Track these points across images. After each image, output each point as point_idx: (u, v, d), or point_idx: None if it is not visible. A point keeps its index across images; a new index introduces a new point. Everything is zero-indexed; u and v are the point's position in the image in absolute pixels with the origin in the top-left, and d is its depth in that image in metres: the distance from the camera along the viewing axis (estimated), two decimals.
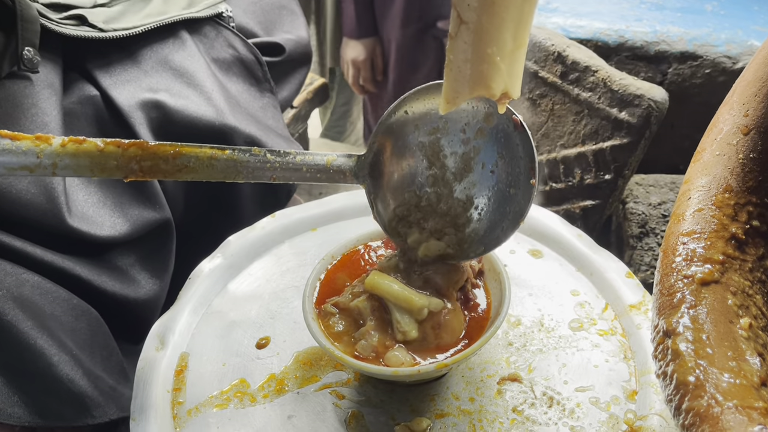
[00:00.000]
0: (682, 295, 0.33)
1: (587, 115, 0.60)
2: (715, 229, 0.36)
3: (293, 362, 0.43)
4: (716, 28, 0.64)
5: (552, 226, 0.50)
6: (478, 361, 0.42)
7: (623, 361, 0.41)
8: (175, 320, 0.45)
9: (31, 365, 0.46)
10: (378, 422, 0.39)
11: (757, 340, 0.32)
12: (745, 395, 0.28)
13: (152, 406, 0.40)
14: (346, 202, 0.55)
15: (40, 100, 0.53)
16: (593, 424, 0.37)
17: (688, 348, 0.30)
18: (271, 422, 0.39)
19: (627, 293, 0.44)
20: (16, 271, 0.48)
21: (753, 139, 0.37)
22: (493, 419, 0.38)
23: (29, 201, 0.50)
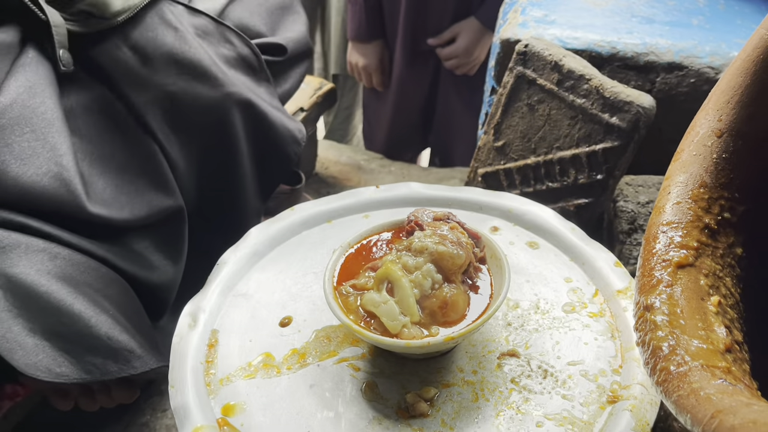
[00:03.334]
0: (661, 276, 0.38)
1: (581, 119, 0.65)
2: (691, 219, 0.40)
3: (313, 338, 0.47)
4: (701, 41, 0.69)
5: (548, 220, 0.54)
6: (481, 338, 0.46)
7: (610, 339, 0.45)
8: (205, 301, 0.50)
9: (73, 328, 0.49)
10: (390, 391, 0.43)
11: (725, 315, 0.37)
12: (710, 357, 0.32)
13: (188, 376, 0.44)
14: (358, 198, 0.60)
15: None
16: (582, 393, 0.42)
17: (663, 320, 0.35)
18: (294, 390, 0.43)
19: (615, 280, 0.49)
20: (49, 246, 0.51)
21: (725, 141, 0.42)
22: (494, 389, 0.43)
23: (48, 192, 0.53)
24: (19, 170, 0.51)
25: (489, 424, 0.40)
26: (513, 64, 0.69)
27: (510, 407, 0.41)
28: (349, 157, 1.24)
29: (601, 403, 0.41)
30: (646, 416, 0.39)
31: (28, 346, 0.47)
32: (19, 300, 0.47)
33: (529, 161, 0.69)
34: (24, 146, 0.52)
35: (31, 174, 0.52)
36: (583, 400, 0.41)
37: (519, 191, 0.70)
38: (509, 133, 0.70)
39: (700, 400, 0.29)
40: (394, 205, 0.58)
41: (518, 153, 0.70)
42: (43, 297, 0.48)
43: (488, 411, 0.41)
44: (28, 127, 0.53)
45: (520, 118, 0.69)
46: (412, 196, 0.58)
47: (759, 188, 0.41)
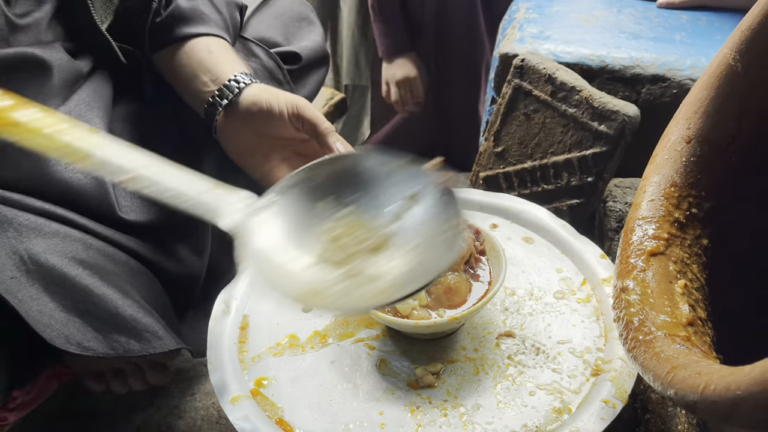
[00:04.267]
0: (635, 263, 0.44)
1: (573, 127, 0.71)
2: (663, 214, 0.46)
3: (333, 322, 0.53)
4: (683, 55, 0.75)
5: (542, 218, 0.60)
6: (481, 322, 0.52)
7: (596, 322, 0.51)
8: (236, 290, 0.55)
9: (101, 308, 0.53)
10: (402, 366, 0.48)
11: (690, 296, 0.43)
12: (673, 328, 0.38)
13: (225, 354, 0.50)
14: None
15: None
16: (570, 367, 0.47)
17: (636, 299, 0.41)
18: (317, 366, 0.49)
19: (601, 270, 0.55)
20: (83, 238, 0.56)
21: (693, 146, 0.48)
22: (492, 364, 0.48)
23: (87, 192, 0.58)
24: (67, 166, 0.57)
25: (488, 393, 0.46)
26: (511, 77, 0.75)
27: (506, 379, 0.47)
28: None
29: (586, 375, 0.46)
30: (625, 385, 0.44)
31: (60, 321, 0.50)
32: (53, 283, 0.52)
33: (526, 165, 0.75)
34: None
35: (77, 171, 0.57)
36: (571, 372, 0.47)
37: (517, 193, 0.76)
38: (508, 140, 0.77)
39: (661, 360, 0.35)
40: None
41: (516, 158, 0.76)
42: (75, 280, 0.52)
43: (488, 383, 0.46)
44: None
45: (517, 126, 0.76)
46: None
47: (722, 187, 0.47)
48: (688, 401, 0.30)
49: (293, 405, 0.46)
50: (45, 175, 0.57)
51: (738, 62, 0.47)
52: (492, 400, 0.45)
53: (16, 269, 0.51)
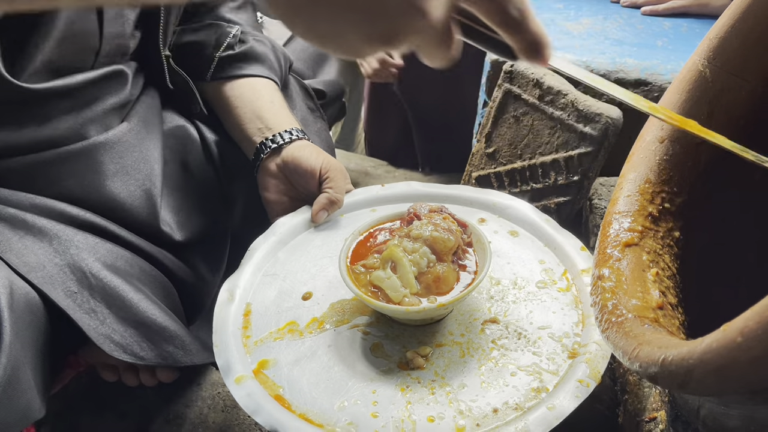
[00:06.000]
0: (611, 253, 0.48)
1: (559, 129, 0.75)
2: (638, 209, 0.50)
3: (330, 309, 0.56)
4: (664, 60, 0.79)
5: (527, 213, 0.64)
6: (467, 309, 0.55)
7: (574, 309, 0.54)
8: (240, 279, 0.58)
9: (150, 321, 0.57)
10: (394, 349, 0.52)
11: (662, 283, 0.47)
12: (643, 311, 0.42)
13: (229, 338, 0.53)
14: (366, 195, 0.69)
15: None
16: (549, 350, 0.51)
17: (610, 285, 0.45)
18: (315, 349, 0.52)
19: (580, 261, 0.58)
20: (115, 248, 0.60)
21: (666, 146, 0.51)
22: (477, 347, 0.51)
23: (136, 204, 0.62)
24: (123, 180, 0.61)
25: (473, 374, 0.49)
26: (501, 81, 0.79)
27: (490, 361, 0.50)
28: (357, 163, 1.34)
29: (564, 358, 0.50)
30: (599, 366, 0.48)
31: (119, 333, 0.55)
32: (110, 296, 0.56)
33: (516, 165, 0.79)
34: (132, 162, 0.62)
35: (131, 185, 0.61)
36: (549, 355, 0.50)
37: (507, 191, 0.80)
38: (498, 141, 0.80)
39: (629, 338, 0.38)
40: (397, 200, 0.67)
41: (506, 158, 0.80)
42: (126, 294, 0.57)
43: (473, 364, 0.50)
44: (138, 148, 0.63)
45: (507, 128, 0.79)
46: (412, 193, 0.68)
47: (693, 183, 0.51)
48: (650, 372, 0.34)
49: (292, 384, 0.49)
50: (101, 186, 0.60)
51: (707, 68, 0.51)
52: (476, 380, 0.48)
53: (77, 283, 0.54)
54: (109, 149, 0.61)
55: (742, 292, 0.49)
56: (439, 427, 0.45)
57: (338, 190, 0.65)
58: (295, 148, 0.67)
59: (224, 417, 0.73)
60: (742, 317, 0.27)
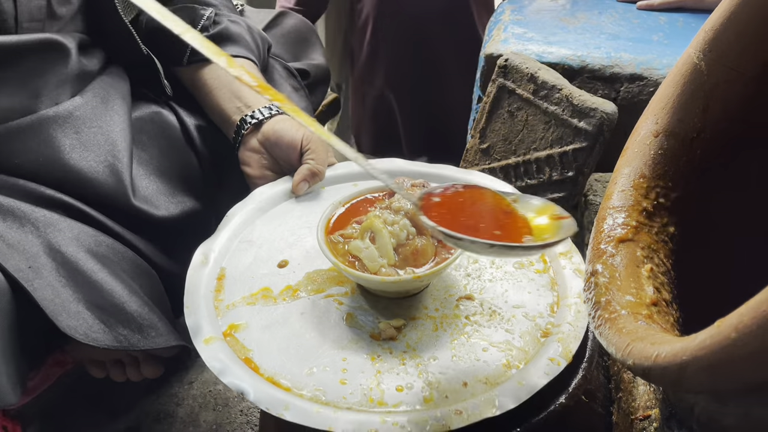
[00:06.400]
0: (605, 249, 0.47)
1: (554, 124, 0.74)
2: (632, 204, 0.49)
3: (305, 278, 0.55)
4: (659, 55, 0.78)
5: None
6: (444, 285, 0.54)
7: (550, 291, 0.53)
8: (215, 244, 0.58)
9: (108, 302, 0.56)
10: (367, 320, 0.51)
11: (656, 279, 0.46)
12: (636, 307, 0.41)
13: (201, 301, 0.52)
14: (348, 170, 0.68)
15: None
16: (522, 328, 0.50)
17: (604, 281, 0.44)
18: (288, 316, 0.52)
19: (559, 245, 0.57)
20: (95, 233, 0.59)
21: (660, 140, 0.51)
22: (451, 323, 0.51)
23: (100, 179, 0.61)
24: (81, 155, 0.60)
25: (445, 347, 0.49)
26: (495, 76, 0.78)
27: (463, 336, 0.50)
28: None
29: (536, 336, 0.49)
30: (570, 346, 0.47)
31: (72, 311, 0.53)
32: (68, 273, 0.54)
33: (510, 161, 0.78)
34: (90, 136, 0.61)
35: (90, 160, 0.60)
36: (522, 333, 0.50)
37: None
38: (493, 137, 0.80)
39: (622, 335, 0.38)
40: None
41: (501, 154, 0.79)
42: (87, 273, 0.55)
43: (445, 338, 0.49)
44: (97, 123, 0.62)
45: (501, 123, 0.79)
46: (396, 170, 0.66)
47: (688, 178, 0.50)
48: (643, 369, 0.33)
49: (262, 349, 0.49)
50: (59, 161, 0.59)
51: (702, 61, 0.50)
52: (448, 353, 0.48)
53: (34, 259, 0.53)
54: (61, 123, 0.60)
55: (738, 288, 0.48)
56: (407, 396, 0.45)
57: (320, 161, 0.65)
58: (274, 121, 0.67)
59: (215, 416, 0.72)
60: (737, 313, 0.26)
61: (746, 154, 0.50)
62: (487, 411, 0.43)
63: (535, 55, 0.80)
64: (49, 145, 0.59)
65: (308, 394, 0.45)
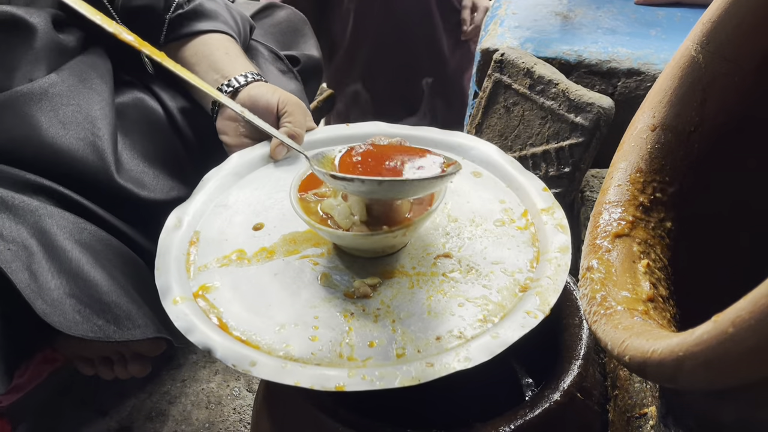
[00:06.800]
0: (601, 244, 0.46)
1: (550, 119, 0.73)
2: (629, 198, 0.49)
3: (281, 240, 0.54)
4: (657, 50, 0.77)
5: (491, 155, 0.61)
6: (422, 243, 0.53)
7: (531, 247, 0.52)
8: (190, 207, 0.57)
9: (86, 292, 0.54)
10: (342, 279, 0.50)
11: (653, 275, 0.45)
12: (632, 303, 0.41)
13: (171, 262, 0.51)
14: (329, 133, 0.66)
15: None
16: (500, 283, 0.49)
17: (600, 276, 0.43)
18: (260, 276, 0.51)
19: (541, 201, 0.55)
20: (78, 221, 0.58)
21: (657, 134, 0.50)
22: (427, 280, 0.50)
23: (81, 157, 0.60)
24: (59, 132, 0.58)
25: (420, 303, 0.48)
26: (491, 71, 0.77)
27: (439, 293, 0.49)
28: None
29: (514, 291, 0.48)
30: (549, 299, 0.46)
31: (50, 298, 0.52)
32: (48, 259, 0.53)
33: None
34: (68, 114, 0.60)
35: (69, 137, 0.59)
36: (499, 288, 0.49)
37: None
38: (489, 132, 0.79)
39: (618, 331, 0.37)
40: (361, 140, 0.62)
41: None
42: (70, 261, 0.54)
43: (421, 295, 0.49)
44: (75, 101, 0.61)
45: (498, 118, 0.78)
46: (378, 133, 0.64)
47: (685, 173, 0.49)
48: (639, 365, 0.33)
49: (232, 308, 0.48)
50: (37, 138, 0.58)
51: (699, 54, 0.50)
52: (423, 309, 0.47)
53: (13, 243, 0.52)
54: (36, 100, 0.59)
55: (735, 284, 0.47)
56: (379, 351, 0.44)
57: (297, 124, 0.63)
58: (250, 88, 0.66)
59: (208, 414, 0.72)
60: (734, 307, 0.26)
61: (744, 147, 0.49)
62: (458, 364, 0.42)
63: (532, 49, 0.80)
64: (25, 122, 0.58)
65: (277, 351, 0.44)
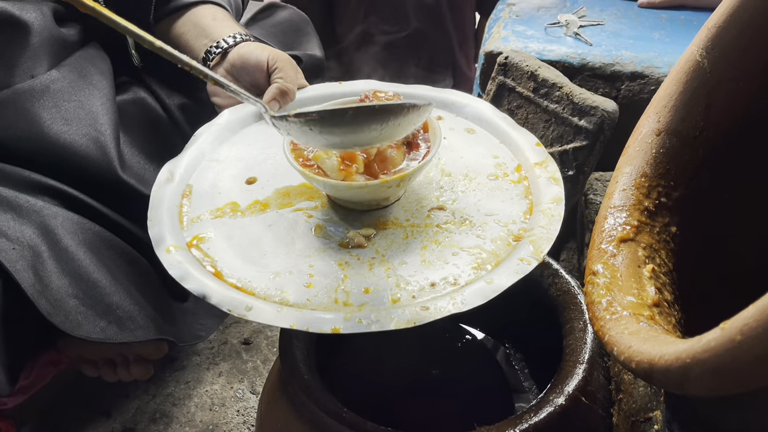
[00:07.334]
0: (606, 249, 0.46)
1: (554, 122, 0.73)
2: (634, 203, 0.49)
3: (274, 193, 0.54)
4: (661, 53, 0.78)
5: (485, 112, 0.61)
6: (415, 197, 0.54)
7: (524, 199, 0.53)
8: (182, 161, 0.57)
9: (89, 293, 0.55)
10: (336, 231, 0.51)
11: (658, 279, 0.45)
12: (638, 308, 0.41)
13: (164, 214, 0.51)
14: (321, 91, 0.66)
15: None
16: (493, 233, 0.50)
17: (605, 282, 0.44)
18: (254, 227, 0.51)
19: (534, 156, 0.56)
20: (82, 221, 0.58)
21: (662, 139, 0.50)
22: (421, 231, 0.51)
23: (84, 153, 0.60)
24: (61, 128, 0.59)
25: (415, 253, 0.48)
26: (495, 74, 0.78)
27: (433, 242, 0.49)
28: None
29: (508, 240, 0.49)
30: (542, 247, 0.47)
31: (54, 298, 0.53)
32: (57, 260, 0.54)
33: None
34: (70, 110, 0.60)
35: (72, 134, 0.59)
36: (493, 238, 0.49)
37: None
38: None
39: (623, 336, 0.37)
40: (354, 96, 0.62)
41: None
42: (74, 262, 0.55)
43: (415, 244, 0.49)
44: (76, 97, 0.61)
45: None
46: (371, 88, 0.63)
47: (690, 177, 0.49)
48: (646, 371, 0.33)
49: (227, 257, 0.48)
50: (40, 135, 0.58)
51: (705, 59, 0.50)
52: (417, 258, 0.48)
53: (18, 243, 0.52)
54: (38, 97, 0.59)
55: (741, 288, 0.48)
56: (374, 297, 0.45)
57: (289, 80, 0.62)
58: (239, 47, 0.65)
59: (211, 416, 0.72)
60: (742, 315, 0.26)
61: (749, 152, 0.49)
62: (453, 307, 0.43)
63: (536, 52, 0.80)
64: (28, 120, 0.58)
65: (272, 297, 0.45)
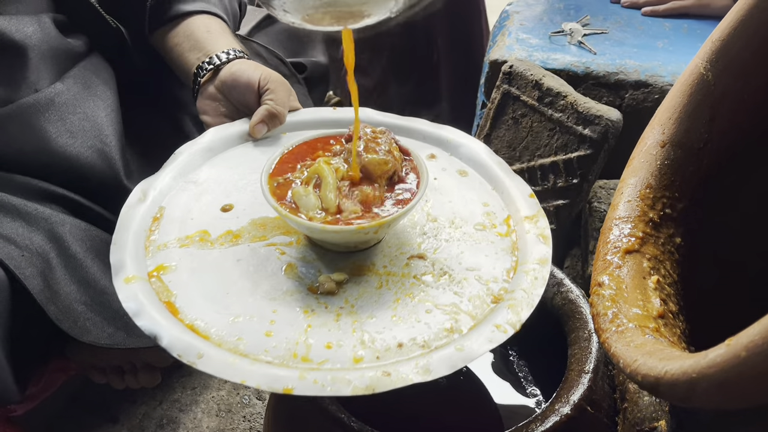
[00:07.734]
0: (612, 260, 0.47)
1: (558, 131, 0.74)
2: (639, 214, 0.49)
3: (249, 224, 0.51)
4: (664, 62, 0.78)
5: (479, 153, 0.59)
6: (396, 242, 0.51)
7: (510, 255, 0.50)
8: (158, 181, 0.54)
9: (96, 299, 0.56)
10: (308, 272, 0.48)
11: (663, 291, 0.46)
12: (644, 320, 0.41)
13: (129, 238, 0.48)
14: (314, 116, 0.64)
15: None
16: (472, 292, 0.47)
17: (611, 293, 0.44)
18: (222, 261, 0.48)
19: (525, 208, 0.53)
20: (89, 228, 0.59)
21: (667, 150, 0.50)
22: (397, 281, 0.47)
23: (90, 164, 0.60)
24: (67, 141, 0.59)
25: (386, 306, 0.45)
26: (500, 83, 0.78)
27: (407, 296, 0.46)
28: None
29: (486, 301, 0.46)
30: (521, 314, 0.44)
31: (62, 305, 0.53)
32: (66, 267, 0.55)
33: (514, 168, 0.78)
34: (75, 123, 0.61)
35: (78, 146, 0.60)
36: (471, 297, 0.46)
37: None
38: (497, 143, 0.79)
39: (629, 349, 0.37)
40: (346, 125, 0.59)
41: (505, 160, 0.79)
42: (82, 269, 0.56)
43: (388, 296, 0.46)
44: (81, 109, 0.61)
45: (506, 129, 0.78)
46: (366, 120, 0.61)
47: (694, 188, 0.50)
48: (652, 385, 0.33)
49: (187, 293, 0.45)
50: (46, 148, 0.59)
51: (709, 71, 0.50)
52: (388, 312, 0.45)
53: (27, 250, 0.53)
54: (43, 110, 0.60)
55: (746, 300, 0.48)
56: (336, 354, 0.41)
57: (279, 102, 0.60)
58: (232, 64, 0.64)
59: (218, 422, 0.72)
60: (747, 332, 0.26)
61: (753, 163, 0.50)
62: (416, 376, 0.39)
63: (540, 61, 0.80)
64: (33, 134, 0.59)
65: (227, 344, 0.41)
